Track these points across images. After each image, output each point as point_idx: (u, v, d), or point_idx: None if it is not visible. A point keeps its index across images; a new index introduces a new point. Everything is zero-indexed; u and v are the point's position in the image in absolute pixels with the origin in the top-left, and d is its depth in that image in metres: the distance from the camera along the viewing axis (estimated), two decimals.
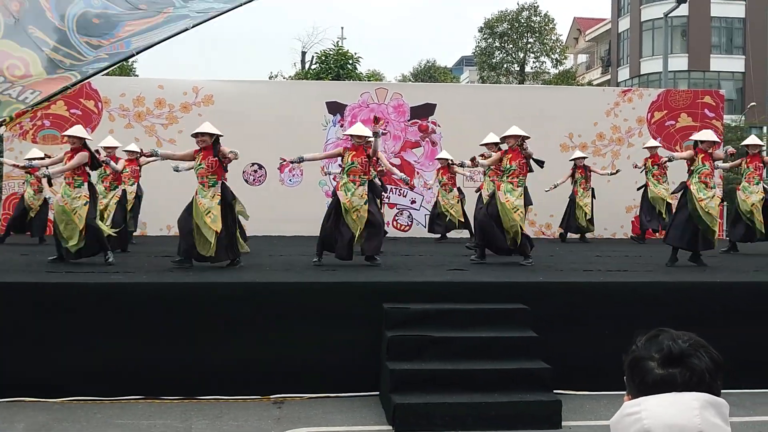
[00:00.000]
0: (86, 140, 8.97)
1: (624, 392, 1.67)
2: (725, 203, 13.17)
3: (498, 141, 10.85)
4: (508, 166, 9.35)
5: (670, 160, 9.95)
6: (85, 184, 8.85)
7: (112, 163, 10.28)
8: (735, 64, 41.87)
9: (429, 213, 14.69)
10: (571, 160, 13.74)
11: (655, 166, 13.18)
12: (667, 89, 17.47)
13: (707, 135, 9.65)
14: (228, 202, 8.71)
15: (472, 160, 9.96)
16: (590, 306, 7.25)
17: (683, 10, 32.92)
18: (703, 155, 9.30)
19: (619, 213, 15.12)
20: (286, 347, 6.86)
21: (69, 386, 6.62)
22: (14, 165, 13.29)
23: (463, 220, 13.66)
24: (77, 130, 9.07)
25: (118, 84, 16.01)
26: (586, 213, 13.67)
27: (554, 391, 6.40)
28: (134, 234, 12.62)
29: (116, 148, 11.24)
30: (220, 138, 8.91)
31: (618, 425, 1.57)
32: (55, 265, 8.65)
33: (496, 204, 9.28)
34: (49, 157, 10.53)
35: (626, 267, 9.16)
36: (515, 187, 9.27)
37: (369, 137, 9.16)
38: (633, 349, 1.65)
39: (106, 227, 9.31)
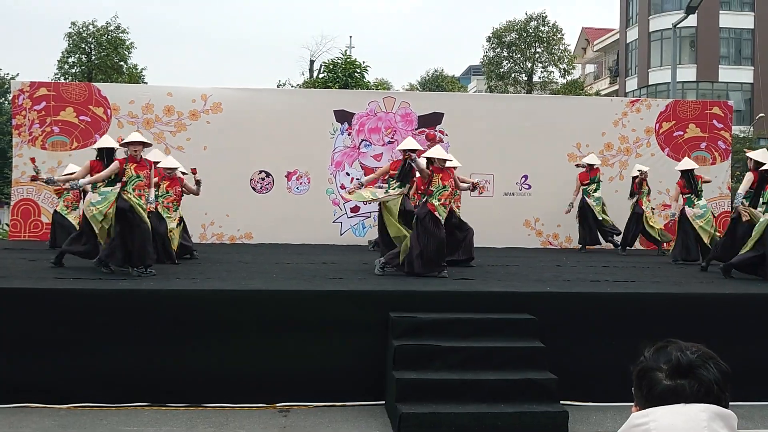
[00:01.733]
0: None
1: (631, 403, 1.66)
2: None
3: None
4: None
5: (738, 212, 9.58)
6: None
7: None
8: (744, 74, 41.79)
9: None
10: (637, 172, 13.33)
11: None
12: (676, 100, 17.43)
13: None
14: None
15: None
16: (597, 317, 7.23)
17: (692, 20, 32.93)
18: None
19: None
20: (292, 355, 6.86)
21: (75, 392, 6.63)
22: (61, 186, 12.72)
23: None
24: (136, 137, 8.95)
25: (128, 91, 16.09)
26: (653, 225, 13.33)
27: (561, 401, 6.37)
28: None
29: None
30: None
31: None
32: (64, 270, 8.68)
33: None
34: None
35: (634, 278, 9.13)
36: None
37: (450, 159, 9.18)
38: (641, 360, 1.65)
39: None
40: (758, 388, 6.85)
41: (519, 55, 39.95)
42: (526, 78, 40.10)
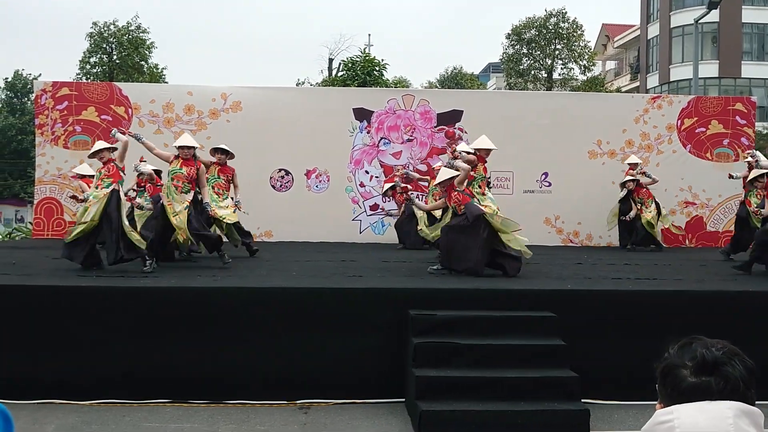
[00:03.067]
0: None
1: (655, 402, 1.65)
2: None
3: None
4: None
5: None
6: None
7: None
8: (767, 70, 41.28)
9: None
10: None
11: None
12: (698, 96, 17.24)
13: None
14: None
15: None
16: (619, 314, 7.17)
17: (714, 16, 32.57)
18: None
19: None
20: (312, 353, 6.88)
21: (98, 389, 6.69)
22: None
23: None
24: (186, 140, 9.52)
25: (148, 90, 16.21)
26: None
27: (582, 400, 6.34)
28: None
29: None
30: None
31: None
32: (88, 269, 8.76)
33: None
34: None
35: (655, 275, 9.05)
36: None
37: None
38: (665, 357, 1.63)
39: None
40: None
41: (539, 52, 39.75)
42: (545, 75, 39.89)
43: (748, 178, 11.22)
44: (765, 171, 10.80)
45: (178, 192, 9.13)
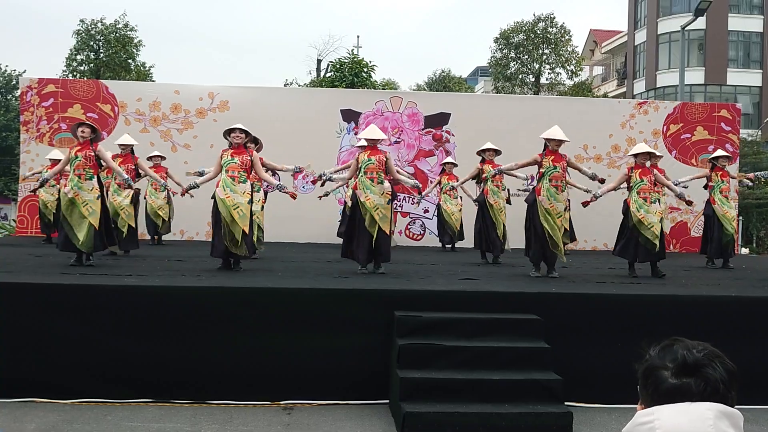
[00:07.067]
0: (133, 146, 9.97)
1: (636, 405, 1.65)
2: (741, 217, 13.09)
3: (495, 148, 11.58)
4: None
5: None
6: (95, 177, 9.12)
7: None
8: (752, 78, 41.68)
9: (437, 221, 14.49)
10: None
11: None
12: (684, 102, 17.37)
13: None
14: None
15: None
16: (603, 318, 7.21)
17: (700, 23, 32.87)
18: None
19: None
20: (296, 353, 6.86)
21: (80, 388, 6.64)
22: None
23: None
24: (126, 139, 10.02)
25: (135, 89, 16.14)
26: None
27: (565, 402, 6.35)
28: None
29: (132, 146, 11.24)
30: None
31: None
32: (72, 267, 8.70)
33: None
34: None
35: (639, 279, 9.10)
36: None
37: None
38: (647, 358, 1.64)
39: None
40: (765, 391, 6.82)
41: (526, 57, 39.84)
42: (533, 79, 40.00)
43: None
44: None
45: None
